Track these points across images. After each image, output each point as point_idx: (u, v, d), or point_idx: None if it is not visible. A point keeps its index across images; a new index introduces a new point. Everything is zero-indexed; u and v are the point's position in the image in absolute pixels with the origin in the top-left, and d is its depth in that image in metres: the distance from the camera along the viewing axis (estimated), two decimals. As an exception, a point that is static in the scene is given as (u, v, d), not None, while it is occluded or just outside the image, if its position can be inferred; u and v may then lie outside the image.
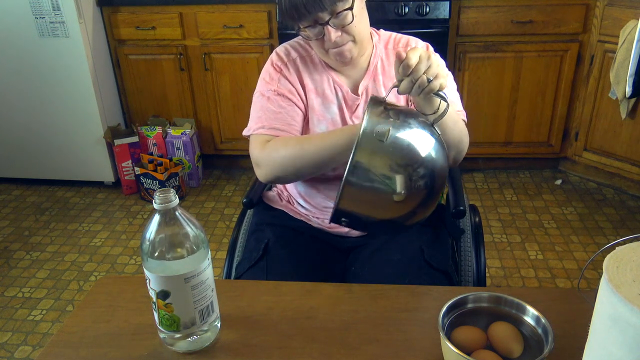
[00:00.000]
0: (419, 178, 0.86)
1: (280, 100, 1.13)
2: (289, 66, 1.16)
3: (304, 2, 0.99)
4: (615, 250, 0.56)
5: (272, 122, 1.11)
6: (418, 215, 0.92)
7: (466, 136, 1.09)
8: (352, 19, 1.04)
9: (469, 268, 1.22)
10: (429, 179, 0.87)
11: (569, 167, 2.93)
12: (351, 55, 1.10)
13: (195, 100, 2.91)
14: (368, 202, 0.88)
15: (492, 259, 2.25)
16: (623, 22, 2.37)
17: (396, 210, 0.89)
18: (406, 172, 0.85)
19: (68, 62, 2.64)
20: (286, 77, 1.15)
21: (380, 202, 0.87)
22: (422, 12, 2.50)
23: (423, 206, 0.90)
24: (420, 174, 0.86)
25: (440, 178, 0.89)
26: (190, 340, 0.81)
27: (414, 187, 0.85)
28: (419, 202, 0.88)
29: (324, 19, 1.02)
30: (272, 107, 1.12)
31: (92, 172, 2.92)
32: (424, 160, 0.86)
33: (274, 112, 1.12)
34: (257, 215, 1.30)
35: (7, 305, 2.09)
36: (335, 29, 1.04)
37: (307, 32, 1.06)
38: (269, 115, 1.12)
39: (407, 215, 0.90)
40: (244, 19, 2.66)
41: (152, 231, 0.75)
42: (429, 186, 0.87)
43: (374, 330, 0.84)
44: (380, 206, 0.88)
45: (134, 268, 2.30)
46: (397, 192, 0.84)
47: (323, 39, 1.06)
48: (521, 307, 0.78)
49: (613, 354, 0.52)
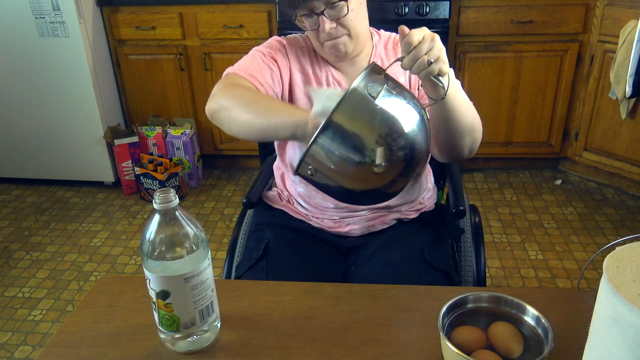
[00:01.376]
0: (396, 149, 0.81)
1: (265, 64, 1.13)
2: (292, 47, 1.18)
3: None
4: (615, 250, 0.56)
5: (254, 72, 1.10)
6: (380, 193, 0.89)
7: (479, 125, 1.06)
8: (347, 12, 1.05)
9: (469, 268, 1.22)
10: (405, 154, 0.82)
11: (569, 167, 2.93)
12: (345, 49, 1.10)
13: (195, 100, 2.91)
14: (335, 162, 0.81)
15: (492, 259, 2.25)
16: (623, 22, 2.37)
17: (359, 178, 0.84)
18: (382, 138, 0.80)
19: (68, 62, 2.64)
20: (284, 54, 1.17)
21: (347, 165, 0.81)
22: (422, 12, 2.50)
23: (390, 183, 0.86)
24: (398, 145, 0.81)
25: (416, 158, 0.85)
26: (190, 340, 0.81)
27: (386, 158, 0.80)
28: (385, 177, 0.84)
29: (319, 8, 1.04)
30: (256, 64, 1.12)
31: (92, 172, 2.92)
32: (403, 133, 0.81)
33: (257, 68, 1.12)
34: (257, 215, 1.30)
35: (7, 305, 2.09)
36: (330, 20, 1.05)
37: (303, 22, 1.08)
38: (254, 67, 1.11)
39: (370, 190, 0.86)
40: (244, 19, 2.66)
41: (152, 231, 0.75)
42: (401, 161, 0.83)
43: (374, 330, 0.84)
44: (346, 170, 0.82)
45: (134, 268, 2.30)
46: (364, 158, 0.79)
47: (318, 30, 1.07)
48: (521, 307, 0.78)
49: (613, 354, 0.52)
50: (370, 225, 1.20)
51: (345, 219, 1.21)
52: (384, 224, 1.21)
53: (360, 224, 1.20)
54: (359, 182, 0.85)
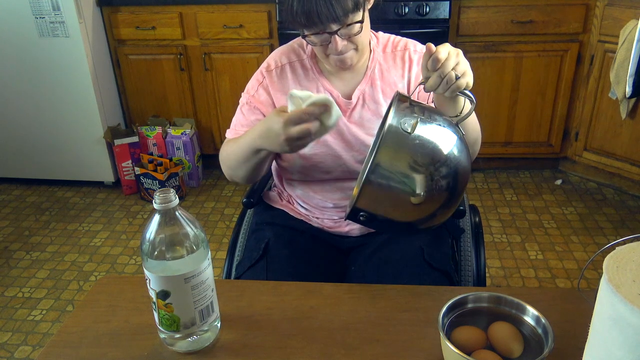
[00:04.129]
0: (441, 178, 0.83)
1: (251, 114, 1.18)
2: (273, 75, 1.17)
3: (318, 11, 0.98)
4: (615, 250, 0.56)
5: (241, 129, 1.17)
6: (438, 218, 0.90)
7: (480, 137, 1.09)
8: (360, 30, 1.04)
9: (469, 268, 1.22)
10: (452, 179, 0.85)
11: (569, 167, 2.93)
12: (352, 62, 1.10)
13: (195, 100, 2.91)
14: (387, 202, 0.85)
15: (492, 259, 2.25)
16: (623, 22, 2.37)
17: (415, 212, 0.86)
18: (428, 171, 0.82)
19: (68, 62, 2.64)
20: (266, 87, 1.17)
21: (400, 202, 0.84)
22: (422, 12, 2.50)
23: (443, 208, 0.87)
24: (443, 173, 0.83)
25: (462, 180, 0.87)
26: (190, 340, 0.81)
27: (435, 188, 0.83)
28: (439, 204, 0.86)
29: (333, 28, 1.02)
30: (244, 118, 1.18)
31: (92, 172, 2.92)
32: (447, 159, 0.83)
33: (245, 122, 1.18)
34: (257, 215, 1.30)
35: (7, 305, 2.09)
36: (342, 39, 1.04)
37: (312, 39, 1.06)
38: (242, 124, 1.18)
39: (426, 218, 0.88)
40: (244, 19, 2.66)
41: (152, 231, 0.75)
42: (451, 187, 0.85)
43: (374, 330, 0.84)
44: (400, 207, 0.85)
45: (134, 268, 2.30)
46: (417, 193, 0.82)
47: (327, 45, 1.06)
48: (521, 307, 0.78)
49: (613, 354, 0.52)
50: (370, 225, 1.20)
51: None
52: (384, 224, 1.21)
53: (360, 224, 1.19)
54: (413, 215, 0.88)
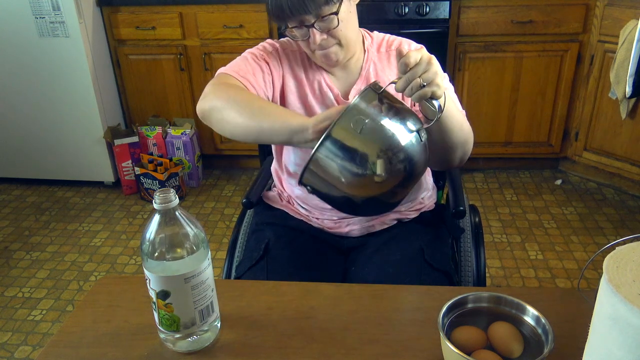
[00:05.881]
0: (398, 162, 0.85)
1: (262, 64, 1.13)
2: (288, 52, 1.18)
3: (289, 3, 1.00)
4: (615, 250, 0.56)
5: (247, 74, 1.10)
6: (376, 204, 0.93)
7: (471, 137, 1.08)
8: (337, 24, 1.04)
9: (469, 268, 1.22)
10: (406, 166, 0.87)
11: (569, 167, 2.93)
12: (337, 58, 1.10)
13: (195, 101, 2.89)
14: (332, 178, 0.86)
15: (492, 259, 2.25)
16: (623, 22, 2.37)
17: (353, 189, 0.88)
18: (385, 154, 0.84)
19: (68, 62, 2.64)
20: (277, 58, 1.16)
21: (348, 175, 0.85)
22: (422, 12, 2.50)
23: (392, 193, 0.90)
24: (399, 158, 0.85)
25: (414, 172, 0.89)
26: (190, 340, 0.81)
27: (388, 170, 0.85)
28: (377, 190, 0.88)
29: (310, 21, 1.03)
30: (251, 65, 1.12)
31: (92, 172, 2.92)
32: (400, 149, 0.85)
33: (253, 68, 1.11)
34: (258, 215, 1.30)
35: (7, 305, 2.09)
36: (320, 32, 1.05)
37: (293, 32, 1.07)
38: (247, 69, 1.11)
39: (367, 199, 0.90)
40: (244, 19, 2.66)
41: (152, 231, 0.75)
42: (403, 172, 0.87)
43: (374, 330, 0.84)
44: (338, 183, 0.87)
45: (134, 268, 2.30)
46: (369, 171, 0.84)
47: (309, 40, 1.07)
48: (521, 307, 0.78)
49: (613, 354, 0.52)
50: (370, 226, 1.20)
51: (344, 219, 1.21)
52: (384, 224, 1.21)
53: (359, 225, 1.20)
54: (359, 190, 0.88)
